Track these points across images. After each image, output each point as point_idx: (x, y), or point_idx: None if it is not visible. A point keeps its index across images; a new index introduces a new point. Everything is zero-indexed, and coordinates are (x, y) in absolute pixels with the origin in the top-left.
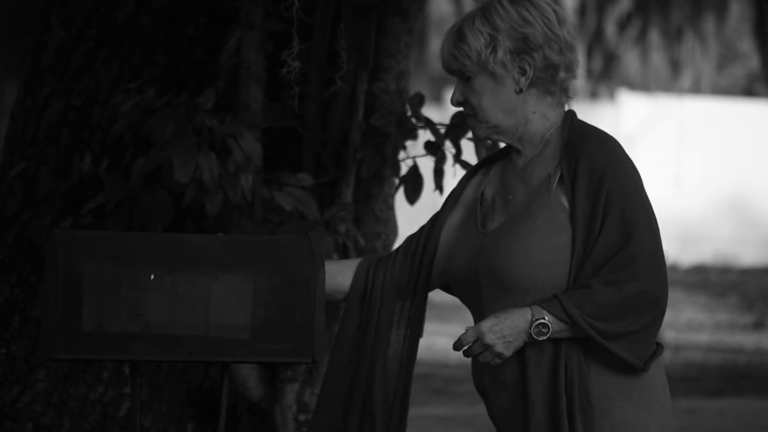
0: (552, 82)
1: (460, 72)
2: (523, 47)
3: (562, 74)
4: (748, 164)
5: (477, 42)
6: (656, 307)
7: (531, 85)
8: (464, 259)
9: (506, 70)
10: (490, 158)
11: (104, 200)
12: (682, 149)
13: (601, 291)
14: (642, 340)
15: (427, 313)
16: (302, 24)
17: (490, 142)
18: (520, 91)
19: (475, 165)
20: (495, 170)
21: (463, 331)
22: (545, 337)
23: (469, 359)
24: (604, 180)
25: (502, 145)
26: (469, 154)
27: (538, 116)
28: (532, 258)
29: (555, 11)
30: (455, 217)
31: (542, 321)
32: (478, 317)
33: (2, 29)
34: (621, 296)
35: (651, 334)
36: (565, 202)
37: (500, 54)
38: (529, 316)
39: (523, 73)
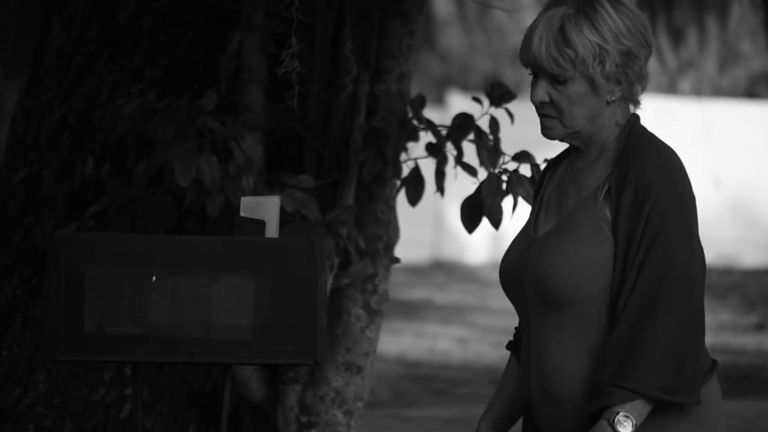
0: (639, 92)
1: (553, 75)
2: (627, 61)
3: (645, 83)
4: (750, 166)
5: (586, 51)
6: (698, 345)
7: (621, 95)
8: (512, 258)
9: (608, 82)
10: (557, 159)
11: (106, 204)
12: (684, 150)
13: (649, 352)
14: (696, 377)
15: (428, 315)
16: (303, 25)
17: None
18: (612, 101)
19: (545, 167)
20: (559, 170)
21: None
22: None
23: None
24: (648, 197)
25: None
26: (471, 156)
27: (612, 123)
28: (574, 271)
29: (645, 18)
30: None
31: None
32: (524, 319)
33: (4, 31)
34: (667, 350)
35: (700, 368)
36: (609, 214)
37: (607, 67)
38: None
39: (619, 83)
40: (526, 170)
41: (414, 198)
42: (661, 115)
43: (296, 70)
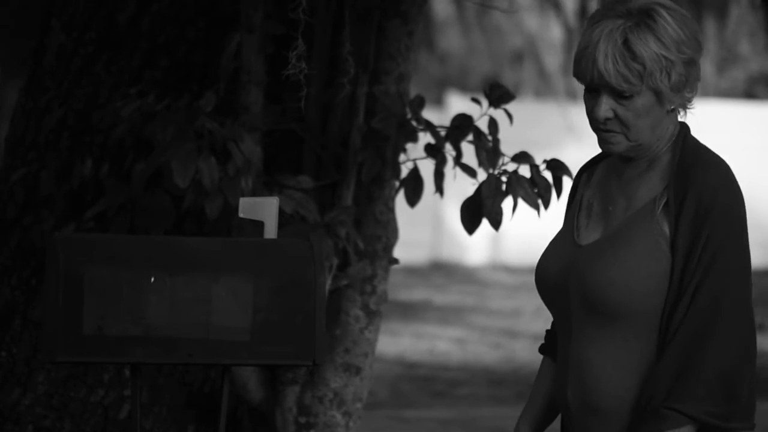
0: (692, 97)
1: (619, 90)
2: (689, 69)
3: (696, 87)
4: (749, 166)
5: (654, 64)
6: (752, 370)
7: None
8: (555, 267)
9: (671, 92)
10: (593, 161)
11: (105, 206)
12: None
13: (705, 377)
14: (750, 403)
15: (427, 316)
16: (304, 26)
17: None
18: (672, 110)
19: (580, 168)
20: (597, 173)
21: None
22: None
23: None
24: (709, 215)
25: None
26: (470, 157)
27: (668, 132)
28: (630, 285)
29: (695, 21)
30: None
31: None
32: (563, 327)
33: (3, 31)
34: (724, 375)
35: (753, 392)
36: (667, 229)
37: (674, 78)
38: None
39: (679, 91)
40: (525, 171)
41: (413, 199)
42: None
43: (303, 71)
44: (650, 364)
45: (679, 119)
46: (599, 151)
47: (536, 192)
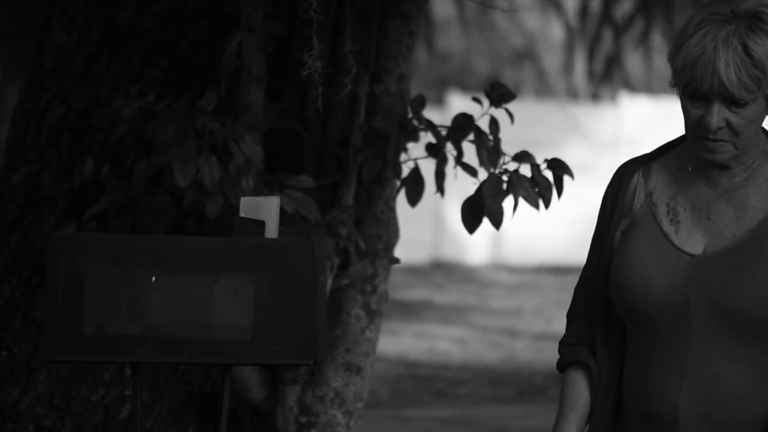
0: None
1: (736, 99)
2: None
3: None
4: None
5: None
6: None
7: None
8: (664, 278)
9: None
10: (641, 160)
11: (106, 205)
12: None
13: None
14: None
15: (428, 315)
16: (303, 25)
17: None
18: None
19: (624, 168)
20: (659, 174)
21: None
22: None
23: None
24: None
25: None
26: (471, 157)
27: (757, 137)
28: None
29: None
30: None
31: None
32: (676, 340)
33: (3, 32)
34: None
35: None
36: None
37: None
38: None
39: None
40: (526, 170)
41: (414, 198)
42: (660, 115)
43: (319, 70)
44: None
45: None
46: (600, 151)
47: (537, 191)
